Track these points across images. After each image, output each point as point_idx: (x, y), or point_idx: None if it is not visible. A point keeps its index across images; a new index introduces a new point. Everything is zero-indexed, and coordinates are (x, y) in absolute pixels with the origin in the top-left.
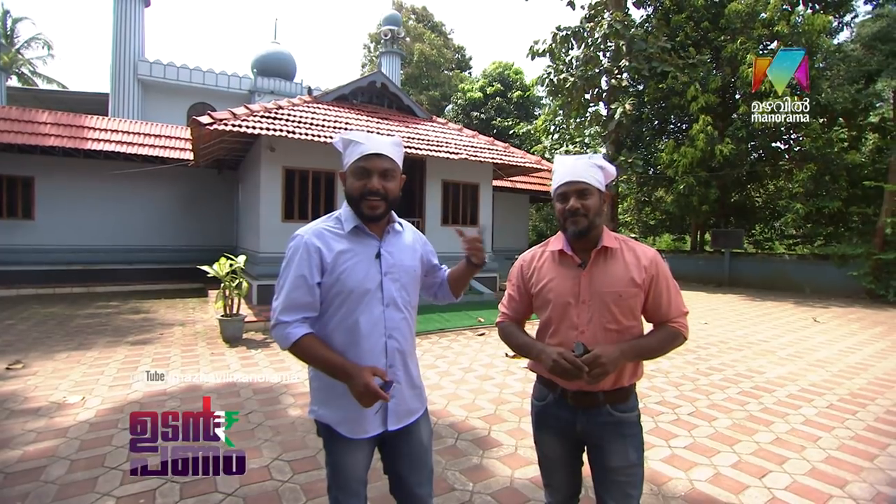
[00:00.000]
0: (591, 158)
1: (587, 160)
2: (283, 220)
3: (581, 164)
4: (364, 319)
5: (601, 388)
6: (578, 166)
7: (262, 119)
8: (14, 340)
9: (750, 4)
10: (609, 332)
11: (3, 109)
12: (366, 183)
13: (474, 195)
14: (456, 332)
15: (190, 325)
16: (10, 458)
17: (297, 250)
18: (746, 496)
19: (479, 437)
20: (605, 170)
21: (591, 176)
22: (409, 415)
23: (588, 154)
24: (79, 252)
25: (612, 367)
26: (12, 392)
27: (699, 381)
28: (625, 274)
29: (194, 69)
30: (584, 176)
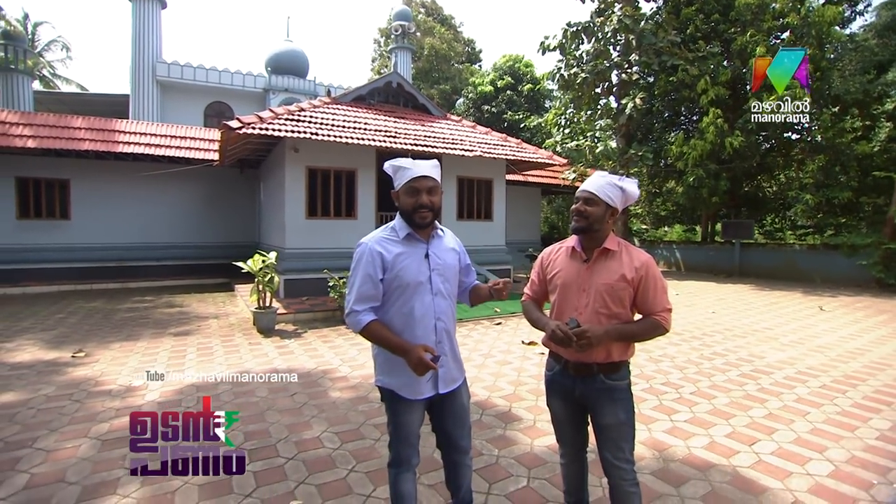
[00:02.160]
0: (621, 181)
1: (612, 180)
2: (307, 217)
3: (602, 180)
4: (418, 306)
5: (595, 360)
6: (598, 181)
7: (286, 122)
8: (70, 332)
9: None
10: (600, 316)
11: (41, 116)
12: (417, 199)
13: (488, 190)
14: (474, 321)
15: (224, 318)
16: (101, 429)
17: (364, 255)
18: (736, 459)
19: (502, 412)
20: (626, 192)
21: (604, 191)
22: (453, 381)
23: (621, 176)
24: (112, 250)
25: (596, 342)
26: (84, 377)
27: (702, 365)
28: (618, 271)
29: (210, 69)
30: (596, 189)
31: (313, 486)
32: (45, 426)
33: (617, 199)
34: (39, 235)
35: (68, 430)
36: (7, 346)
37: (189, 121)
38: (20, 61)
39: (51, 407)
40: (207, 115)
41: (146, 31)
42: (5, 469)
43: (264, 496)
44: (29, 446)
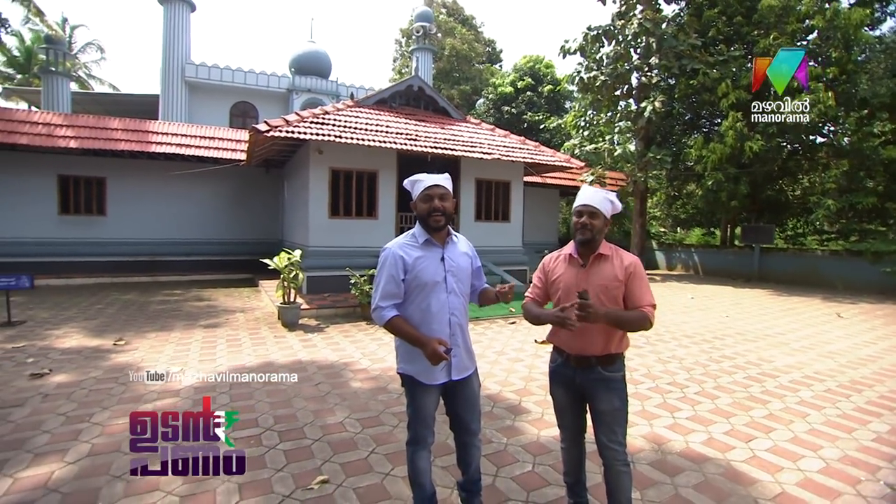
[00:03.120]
0: (607, 195)
1: (603, 194)
2: (330, 216)
3: (598, 195)
4: (434, 303)
5: (594, 352)
6: (597, 196)
7: (311, 124)
8: (109, 322)
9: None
10: None
11: (82, 118)
12: (431, 204)
13: (506, 192)
14: (489, 320)
15: (250, 312)
16: (146, 409)
17: (388, 258)
18: (731, 454)
19: (512, 405)
20: (614, 204)
21: (603, 205)
22: (465, 370)
23: (606, 192)
24: (144, 245)
25: (594, 317)
26: (126, 363)
27: (710, 367)
28: (611, 273)
29: (236, 70)
30: (598, 203)
31: (337, 464)
32: (97, 404)
33: (610, 211)
34: (78, 230)
35: (118, 409)
36: (56, 333)
37: (215, 120)
38: (60, 63)
39: (101, 388)
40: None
41: (176, 33)
42: (70, 439)
43: (294, 471)
44: (87, 421)
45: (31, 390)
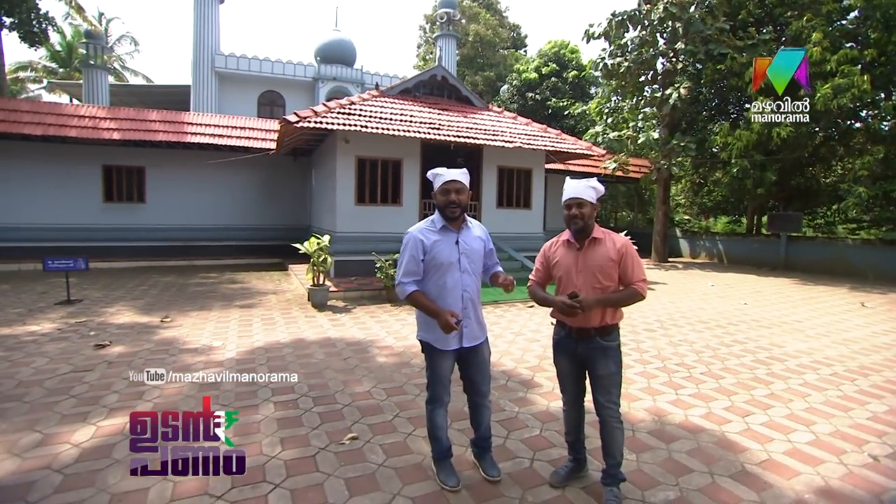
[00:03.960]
0: (588, 182)
1: (585, 183)
2: (356, 203)
3: (581, 185)
4: (449, 280)
5: (593, 325)
6: (579, 187)
7: (338, 115)
8: (154, 302)
9: None
10: (595, 290)
11: (123, 111)
12: (447, 197)
13: (528, 180)
14: (508, 303)
15: (281, 294)
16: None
17: (410, 241)
18: (727, 427)
19: (525, 379)
20: (597, 189)
21: (587, 194)
22: (476, 339)
23: (585, 180)
24: (180, 230)
25: (587, 307)
26: (174, 337)
27: (720, 351)
28: (605, 254)
29: (264, 60)
30: (582, 194)
31: (365, 425)
32: (151, 373)
33: (595, 197)
34: (121, 217)
35: (172, 376)
36: (109, 311)
37: (243, 109)
38: (99, 57)
39: (154, 358)
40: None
41: (206, 25)
42: (136, 398)
43: (327, 430)
44: (147, 385)
45: (97, 358)
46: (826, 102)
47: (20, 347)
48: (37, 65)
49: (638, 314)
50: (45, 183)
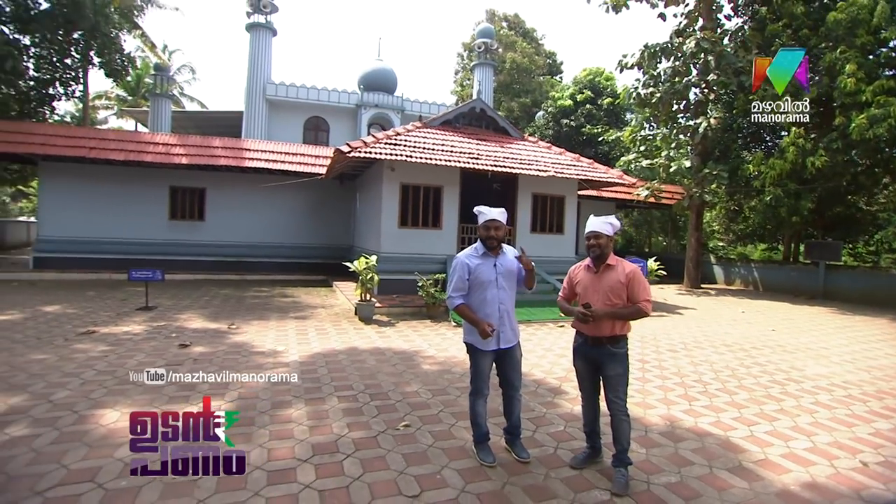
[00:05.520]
0: (606, 219)
1: (603, 219)
2: (400, 226)
3: (599, 221)
4: (488, 295)
5: (604, 335)
6: (598, 223)
7: (385, 145)
8: (218, 311)
9: (852, 13)
10: (606, 305)
11: (190, 138)
12: (488, 233)
13: (560, 206)
14: (540, 323)
15: (329, 308)
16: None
17: (459, 264)
18: (732, 433)
19: (553, 387)
20: (613, 224)
21: (604, 228)
22: (509, 342)
23: (604, 216)
24: (234, 247)
25: (598, 317)
26: (242, 342)
27: (738, 372)
28: (616, 278)
29: (311, 88)
30: (600, 228)
31: (416, 416)
32: (231, 369)
33: (611, 231)
34: (183, 233)
35: (247, 372)
36: (182, 317)
37: (290, 133)
38: (163, 87)
39: (229, 359)
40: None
41: (259, 57)
42: (223, 390)
43: (385, 419)
44: (230, 378)
45: (183, 356)
46: (861, 132)
47: (121, 343)
48: (110, 94)
49: (663, 336)
50: (123, 202)
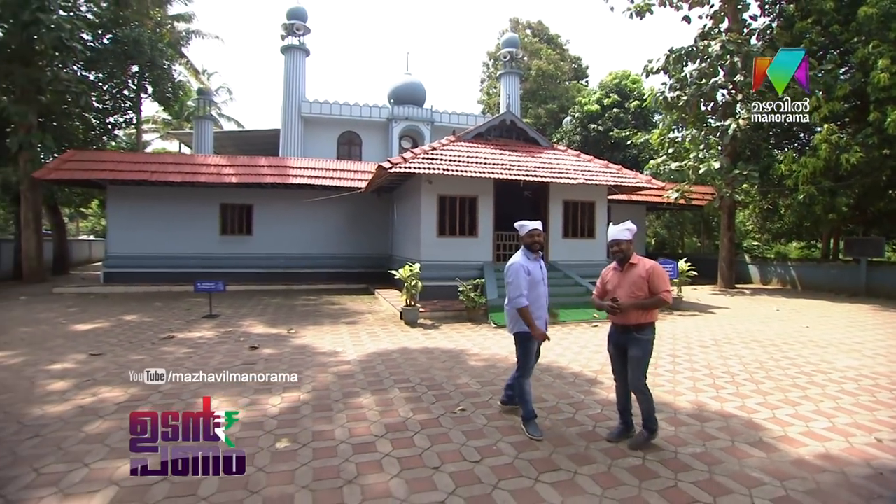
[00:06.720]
0: (623, 226)
1: (621, 227)
2: (438, 235)
3: (618, 229)
4: (541, 290)
5: (630, 322)
6: (615, 230)
7: (423, 160)
8: (274, 318)
9: (884, 7)
10: (630, 298)
11: (238, 158)
12: (533, 239)
13: (591, 211)
14: (574, 323)
15: (375, 314)
16: (333, 370)
17: (519, 268)
18: (755, 415)
19: (590, 379)
20: (630, 230)
21: (623, 235)
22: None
23: (621, 224)
24: (280, 259)
25: (624, 308)
26: (302, 344)
27: (767, 364)
28: (638, 274)
29: (343, 104)
30: (619, 236)
31: (470, 402)
32: (299, 368)
33: (629, 236)
34: (233, 247)
35: (314, 370)
36: (244, 324)
37: (325, 148)
38: (205, 109)
39: (295, 359)
40: (340, 143)
41: (294, 77)
42: (296, 384)
43: (443, 405)
44: (302, 374)
45: (255, 356)
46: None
47: (199, 346)
48: (156, 118)
49: (695, 334)
50: (180, 220)
